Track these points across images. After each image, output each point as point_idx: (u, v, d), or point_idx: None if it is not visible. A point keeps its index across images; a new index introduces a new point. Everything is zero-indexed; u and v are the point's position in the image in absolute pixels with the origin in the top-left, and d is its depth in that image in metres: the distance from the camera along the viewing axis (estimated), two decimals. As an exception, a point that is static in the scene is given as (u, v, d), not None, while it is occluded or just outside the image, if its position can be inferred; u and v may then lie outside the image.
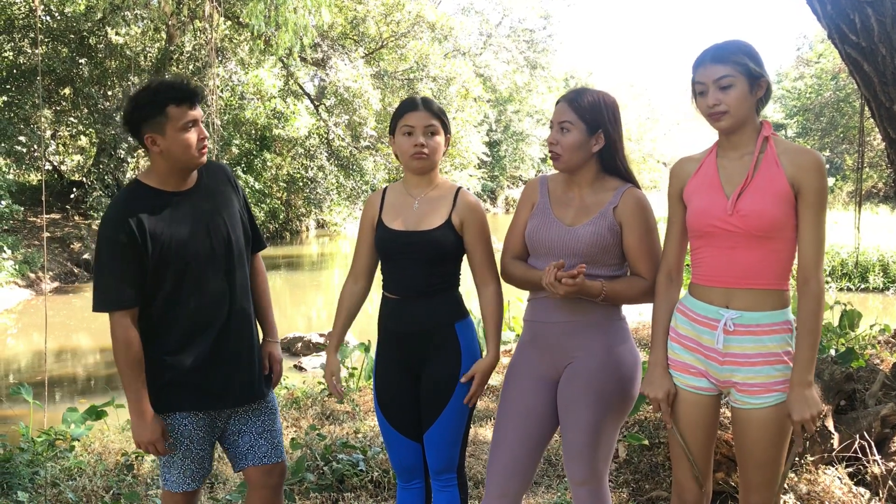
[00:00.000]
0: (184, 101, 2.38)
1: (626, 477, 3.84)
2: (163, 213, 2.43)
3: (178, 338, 2.48)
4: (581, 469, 2.44)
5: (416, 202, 2.71)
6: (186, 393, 2.50)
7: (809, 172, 2.18)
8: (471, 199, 2.73)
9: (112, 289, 2.39)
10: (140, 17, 17.94)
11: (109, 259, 2.39)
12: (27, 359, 10.02)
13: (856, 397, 3.87)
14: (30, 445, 4.34)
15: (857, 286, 13.85)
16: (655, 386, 2.39)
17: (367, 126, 20.35)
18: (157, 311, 2.46)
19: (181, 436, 2.52)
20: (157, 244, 2.40)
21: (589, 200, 2.51)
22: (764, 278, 2.23)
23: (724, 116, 2.23)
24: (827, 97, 29.25)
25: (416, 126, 2.64)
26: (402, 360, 2.74)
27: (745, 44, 2.24)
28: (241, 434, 2.63)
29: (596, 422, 2.43)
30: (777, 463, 2.30)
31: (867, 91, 3.92)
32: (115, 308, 2.39)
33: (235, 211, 2.60)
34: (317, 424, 4.90)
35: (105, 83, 18.39)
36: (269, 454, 2.65)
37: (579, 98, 2.49)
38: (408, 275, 2.68)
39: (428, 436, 2.72)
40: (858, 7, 3.58)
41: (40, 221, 17.01)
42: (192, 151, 2.41)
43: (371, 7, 20.72)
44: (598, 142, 2.48)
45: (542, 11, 39.95)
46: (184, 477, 2.55)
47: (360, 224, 2.81)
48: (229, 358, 2.54)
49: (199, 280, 2.47)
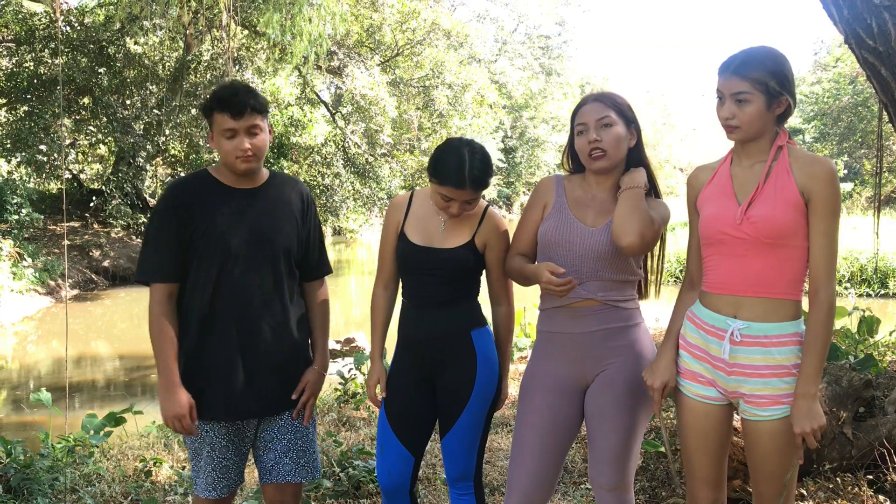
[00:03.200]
0: (225, 109, 2.43)
1: (643, 483, 3.82)
2: (214, 202, 2.50)
3: (197, 330, 2.48)
4: (614, 475, 2.42)
5: (442, 218, 2.68)
6: (204, 399, 2.49)
7: (820, 181, 2.15)
8: (498, 222, 2.71)
9: (153, 261, 2.48)
10: (158, 27, 18.11)
11: (156, 233, 2.49)
12: (47, 366, 10.12)
13: (875, 404, 3.83)
14: (50, 451, 4.37)
15: (877, 292, 13.71)
16: (656, 375, 2.38)
17: (384, 133, 20.42)
18: (185, 299, 2.50)
19: (203, 442, 2.53)
20: (198, 229, 2.46)
21: (607, 201, 2.51)
22: (774, 287, 2.21)
23: (736, 131, 2.22)
24: (845, 102, 29.04)
25: (455, 200, 2.56)
26: (418, 367, 2.73)
27: (772, 58, 2.18)
28: (267, 450, 2.62)
29: (631, 427, 2.44)
30: (788, 474, 2.27)
31: (885, 95, 3.90)
32: (154, 279, 2.47)
33: (292, 225, 2.61)
34: (333, 431, 4.92)
35: (124, 92, 18.59)
36: (294, 472, 2.62)
37: (611, 96, 2.51)
38: (426, 288, 2.69)
39: (445, 443, 2.71)
40: (875, 12, 3.57)
41: (60, 230, 17.19)
42: (230, 158, 2.48)
43: (387, 15, 20.80)
44: (634, 137, 2.51)
45: (558, 17, 39.99)
46: (207, 483, 2.55)
47: (385, 230, 2.77)
48: (252, 367, 2.51)
49: (226, 276, 2.48)
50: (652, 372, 2.39)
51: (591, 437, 2.50)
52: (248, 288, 2.50)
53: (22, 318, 13.03)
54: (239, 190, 2.55)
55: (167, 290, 2.47)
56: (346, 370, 6.16)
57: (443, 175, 2.54)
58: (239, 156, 2.46)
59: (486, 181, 2.59)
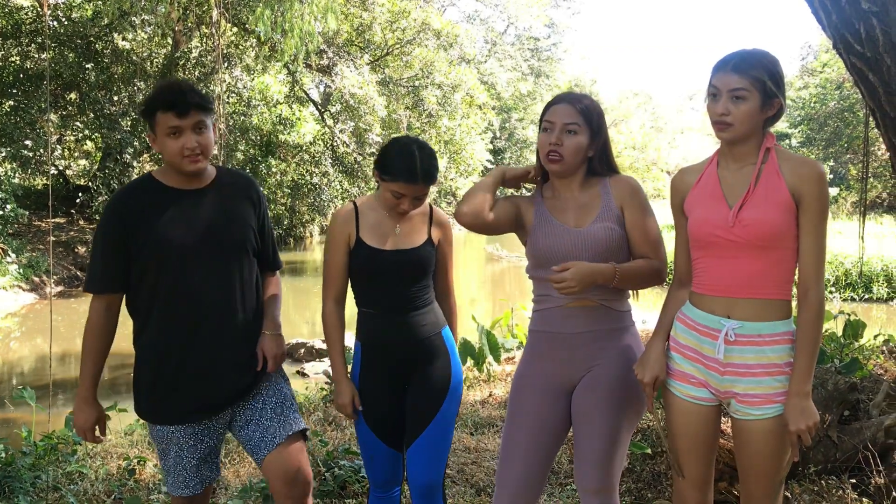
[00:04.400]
0: (170, 108, 2.36)
1: (629, 485, 3.82)
2: (160, 207, 2.44)
3: (158, 334, 2.46)
4: (597, 477, 2.41)
5: (394, 222, 2.73)
6: (167, 405, 2.49)
7: (810, 183, 2.17)
8: (444, 217, 2.86)
9: (96, 272, 2.46)
10: (147, 23, 18.03)
11: (99, 244, 2.46)
12: (30, 363, 10.04)
13: (859, 408, 3.85)
14: (32, 449, 4.34)
15: (861, 296, 13.80)
16: (646, 369, 2.37)
17: (373, 132, 20.40)
18: (141, 304, 2.48)
19: (170, 444, 2.52)
20: (148, 236, 2.40)
21: (583, 199, 2.49)
22: (766, 288, 2.22)
23: (729, 128, 2.22)
24: (831, 107, 29.20)
25: (407, 195, 2.64)
26: (390, 372, 2.75)
27: (770, 60, 2.21)
28: (249, 424, 2.56)
29: (615, 429, 2.42)
30: (778, 474, 2.29)
31: (872, 101, 3.92)
32: (94, 290, 2.46)
33: (243, 223, 2.56)
34: (319, 430, 4.89)
35: (111, 88, 18.48)
36: (282, 428, 2.54)
37: (583, 100, 2.48)
38: (391, 291, 2.71)
39: (416, 446, 2.73)
40: (863, 17, 3.58)
41: (45, 226, 17.07)
42: (177, 158, 2.40)
43: (377, 14, 20.79)
44: (593, 148, 2.48)
45: (547, 19, 40.05)
46: (178, 482, 2.56)
47: (332, 243, 2.73)
48: (215, 366, 2.48)
49: (180, 277, 2.43)
50: (642, 366, 2.39)
51: (576, 439, 2.49)
52: (207, 289, 2.46)
53: (5, 314, 12.93)
54: (187, 191, 2.48)
55: (106, 301, 2.46)
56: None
57: (395, 172, 2.61)
58: (186, 155, 2.39)
59: (436, 175, 2.69)
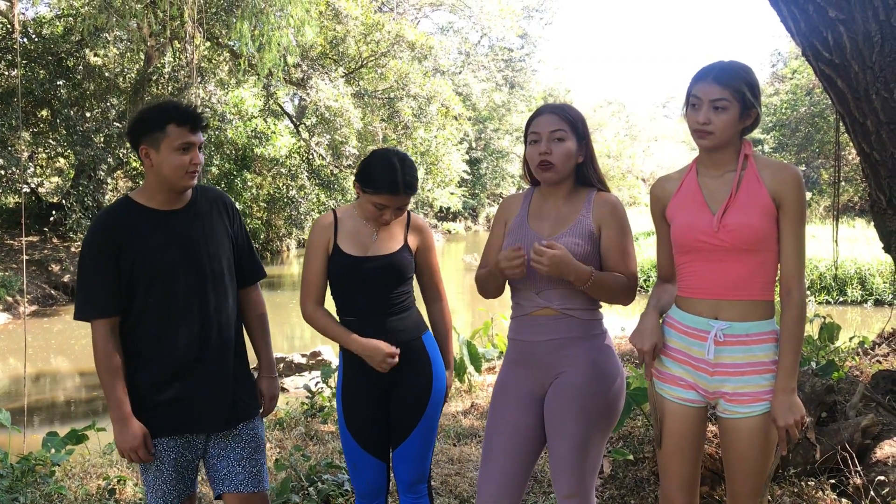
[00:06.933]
0: (185, 122, 2.43)
1: (612, 492, 3.84)
2: (143, 229, 2.47)
3: (147, 357, 2.49)
4: (568, 482, 2.44)
5: (372, 229, 2.76)
6: (153, 417, 2.49)
7: (790, 186, 2.25)
8: (422, 223, 2.89)
9: (92, 298, 2.45)
10: (119, 39, 17.89)
11: (90, 269, 2.46)
12: (3, 384, 9.88)
13: (836, 409, 3.90)
14: (9, 471, 4.27)
15: (836, 299, 13.99)
16: (644, 338, 2.40)
17: (349, 145, 20.38)
18: (129, 327, 2.49)
19: (152, 457, 2.52)
20: (132, 259, 2.43)
21: (564, 211, 2.54)
22: (751, 290, 2.30)
23: (710, 137, 2.29)
24: (802, 113, 29.60)
25: (389, 207, 2.67)
26: (371, 379, 2.76)
27: (748, 71, 2.28)
28: (220, 458, 2.61)
29: (583, 434, 2.44)
30: (764, 471, 2.34)
31: (841, 107, 3.99)
32: (95, 316, 2.45)
33: (223, 239, 2.61)
34: (301, 445, 4.86)
35: (84, 105, 18.31)
36: (246, 483, 2.61)
37: (566, 110, 2.53)
38: (369, 297, 2.73)
39: (402, 449, 2.77)
40: (831, 25, 3.65)
41: (17, 244, 16.85)
42: (179, 173, 2.45)
43: (350, 27, 20.79)
44: (582, 153, 2.53)
45: (520, 31, 40.28)
46: (156, 497, 2.55)
47: (312, 250, 2.77)
48: (201, 385, 2.52)
49: (168, 300, 2.48)
50: (640, 335, 2.41)
51: (548, 446, 2.53)
52: (193, 307, 2.50)
53: (-22, 335, 12.73)
54: (164, 212, 2.52)
55: (109, 324, 2.46)
56: (312, 384, 6.11)
57: (378, 184, 2.64)
58: (190, 170, 2.46)
59: (416, 185, 2.73)
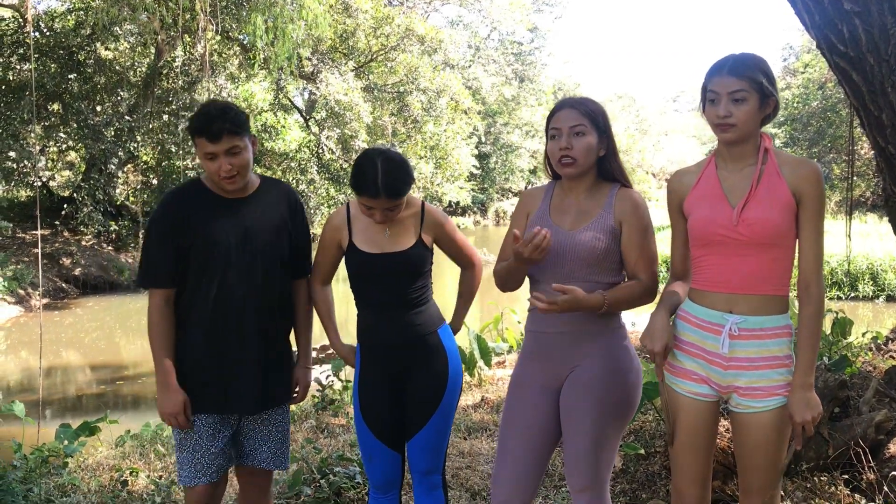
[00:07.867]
0: (202, 134, 2.53)
1: (623, 486, 3.84)
2: (206, 212, 2.63)
3: (195, 333, 2.63)
4: (582, 476, 2.43)
5: (386, 227, 2.75)
6: (198, 394, 2.63)
7: (810, 182, 2.24)
8: (437, 214, 2.85)
9: (151, 268, 2.64)
10: (130, 33, 17.93)
11: (153, 241, 2.64)
12: (17, 376, 9.95)
13: (849, 404, 3.89)
14: (23, 462, 4.31)
15: (848, 294, 13.92)
16: (655, 338, 2.37)
17: (359, 139, 20.34)
18: (183, 302, 2.65)
19: (190, 432, 2.65)
20: (191, 239, 2.59)
21: (586, 205, 2.52)
22: (767, 284, 2.29)
23: (732, 129, 2.27)
24: (814, 107, 29.36)
25: (375, 208, 2.64)
26: (387, 371, 2.78)
27: (762, 60, 2.27)
28: (247, 436, 2.79)
29: (598, 428, 2.43)
30: (777, 466, 2.34)
31: (856, 100, 3.95)
32: (151, 285, 2.63)
33: (281, 232, 2.73)
34: (312, 438, 4.88)
35: (94, 98, 18.37)
36: (269, 461, 2.80)
37: (586, 103, 2.52)
38: (384, 292, 2.76)
39: (417, 439, 2.78)
40: (846, 17, 3.62)
41: (29, 238, 16.94)
42: (214, 178, 2.60)
43: (360, 21, 20.75)
44: (603, 147, 2.52)
45: (530, 24, 40.16)
46: (194, 471, 2.66)
47: (325, 242, 2.83)
48: (239, 369, 2.65)
49: (219, 283, 2.62)
50: (651, 336, 2.39)
51: (563, 439, 2.52)
52: (243, 293, 2.64)
53: (-9, 327, 12.82)
54: (231, 199, 2.67)
55: (165, 295, 2.62)
56: (323, 377, 6.13)
57: (359, 186, 2.63)
58: (223, 176, 2.58)
59: (401, 188, 2.63)
